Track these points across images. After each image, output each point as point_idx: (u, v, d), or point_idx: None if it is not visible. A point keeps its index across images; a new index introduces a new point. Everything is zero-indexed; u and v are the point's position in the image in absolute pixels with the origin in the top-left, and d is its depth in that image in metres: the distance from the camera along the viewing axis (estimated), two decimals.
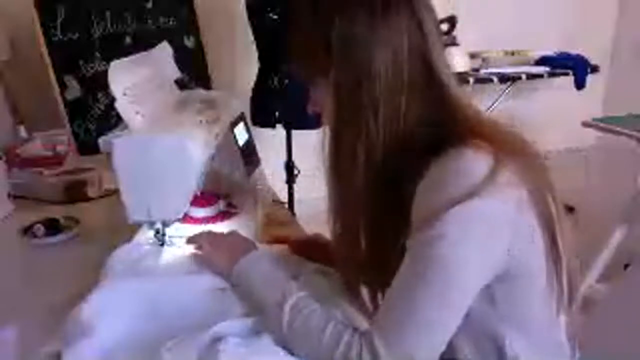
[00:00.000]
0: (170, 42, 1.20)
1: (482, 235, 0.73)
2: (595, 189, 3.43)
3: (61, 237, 1.25)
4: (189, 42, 2.15)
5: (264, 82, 2.37)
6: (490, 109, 3.18)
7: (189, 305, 0.89)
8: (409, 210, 0.77)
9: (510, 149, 0.77)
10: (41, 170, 1.57)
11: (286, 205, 2.08)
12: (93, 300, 0.87)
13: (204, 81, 2.11)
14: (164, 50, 1.19)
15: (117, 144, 0.96)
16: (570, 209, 2.81)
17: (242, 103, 1.84)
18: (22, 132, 1.87)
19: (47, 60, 1.84)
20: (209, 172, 1.12)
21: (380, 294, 0.89)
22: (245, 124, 1.27)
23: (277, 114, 2.35)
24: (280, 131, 2.40)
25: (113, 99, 0.94)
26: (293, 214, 2.15)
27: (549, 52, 3.33)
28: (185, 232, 1.09)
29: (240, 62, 2.63)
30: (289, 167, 2.45)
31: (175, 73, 1.20)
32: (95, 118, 1.93)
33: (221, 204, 1.26)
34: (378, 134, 0.79)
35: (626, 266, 2.44)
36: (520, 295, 0.80)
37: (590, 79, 3.24)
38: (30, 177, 1.55)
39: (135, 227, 1.11)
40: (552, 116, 3.70)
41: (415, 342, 0.72)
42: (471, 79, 3.03)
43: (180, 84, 1.22)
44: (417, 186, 0.76)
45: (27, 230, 1.26)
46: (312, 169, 0.93)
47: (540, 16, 3.59)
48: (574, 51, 3.32)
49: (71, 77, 1.90)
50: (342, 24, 0.77)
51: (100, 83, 1.87)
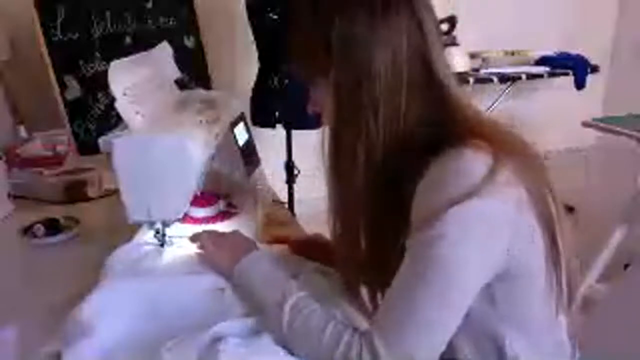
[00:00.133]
0: (170, 42, 1.20)
1: (482, 235, 0.73)
2: (595, 189, 3.43)
3: (61, 237, 1.25)
4: (189, 42, 2.15)
5: (264, 82, 2.37)
6: (490, 109, 3.18)
7: (189, 305, 0.89)
8: (409, 210, 0.77)
9: (509, 149, 0.77)
10: (41, 170, 1.57)
11: (286, 205, 2.08)
12: (93, 300, 0.87)
13: (204, 81, 2.11)
14: (164, 50, 1.19)
15: (117, 144, 0.96)
16: (570, 209, 2.81)
17: (242, 103, 1.84)
18: (22, 132, 1.86)
19: (47, 60, 1.84)
20: (209, 172, 1.13)
21: (380, 294, 0.89)
22: (245, 124, 1.27)
23: (277, 114, 2.35)
24: (280, 131, 2.40)
25: (113, 99, 0.94)
26: (293, 214, 2.15)
27: (549, 52, 3.33)
28: (185, 232, 1.09)
29: (240, 62, 2.63)
30: (289, 167, 2.45)
31: (175, 73, 1.20)
32: (95, 118, 1.93)
33: (221, 204, 1.26)
34: (378, 134, 0.79)
35: (626, 266, 2.44)
36: (520, 295, 0.80)
37: (590, 79, 3.24)
38: (30, 177, 1.55)
39: (135, 227, 1.11)
40: (552, 116, 3.70)
41: (415, 342, 0.72)
42: (471, 79, 3.03)
43: (180, 84, 1.22)
44: (416, 186, 0.76)
45: (27, 230, 1.26)
46: (312, 169, 0.93)
47: (540, 16, 3.59)
48: (574, 51, 3.32)
49: (71, 77, 1.90)
50: (342, 24, 0.77)
51: (100, 83, 1.87)
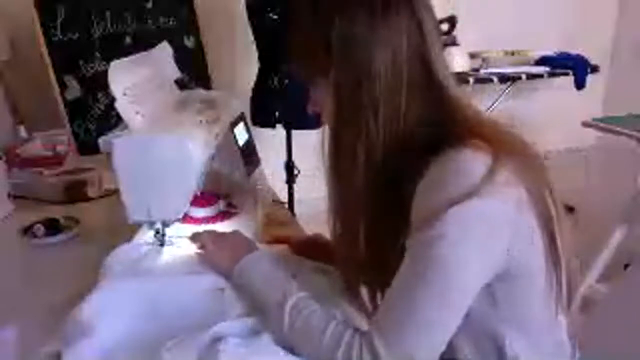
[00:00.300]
0: (170, 42, 1.20)
1: (481, 235, 0.73)
2: (595, 189, 3.43)
3: (61, 237, 1.25)
4: (189, 42, 2.15)
5: (264, 82, 2.37)
6: (490, 109, 3.18)
7: (189, 305, 0.89)
8: (409, 210, 0.77)
9: (509, 149, 0.77)
10: (41, 170, 1.57)
11: (286, 205, 2.08)
12: (93, 300, 0.87)
13: (204, 81, 2.11)
14: (164, 50, 1.19)
15: (117, 144, 0.96)
16: (570, 209, 2.81)
17: (242, 103, 1.84)
18: (22, 132, 1.86)
19: (47, 60, 1.84)
20: (209, 172, 1.13)
21: (380, 294, 0.89)
22: (245, 124, 1.27)
23: (277, 114, 2.35)
24: (280, 131, 2.40)
25: (113, 99, 0.94)
26: (293, 214, 2.15)
27: (549, 52, 3.33)
28: (185, 232, 1.09)
29: (240, 62, 2.63)
30: (289, 167, 2.45)
31: (175, 73, 1.20)
32: (95, 118, 1.93)
33: (221, 204, 1.26)
34: (378, 134, 0.79)
35: (626, 266, 2.44)
36: (520, 295, 0.80)
37: (590, 79, 3.24)
38: (30, 177, 1.55)
39: (135, 227, 1.11)
40: (552, 116, 3.70)
41: (415, 342, 0.72)
42: (471, 79, 3.03)
43: (180, 84, 1.22)
44: (416, 186, 0.76)
45: (27, 230, 1.26)
46: (312, 169, 0.93)
47: (540, 16, 3.59)
48: (574, 51, 3.32)
49: (71, 77, 1.90)
50: (342, 24, 0.77)
51: (100, 83, 1.87)
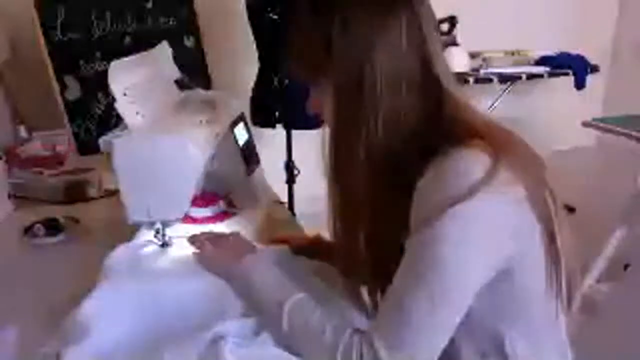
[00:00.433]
0: (170, 42, 1.20)
1: (481, 235, 0.73)
2: (595, 189, 3.43)
3: (61, 237, 1.25)
4: (189, 42, 2.15)
5: (264, 82, 2.37)
6: (490, 109, 3.18)
7: (189, 305, 0.89)
8: (409, 209, 0.77)
9: (509, 148, 0.77)
10: (41, 170, 1.56)
11: (286, 205, 2.08)
12: (93, 301, 0.87)
13: (204, 81, 2.11)
14: (164, 50, 1.19)
15: (117, 144, 0.96)
16: (571, 209, 2.81)
17: (242, 103, 1.84)
18: (22, 132, 1.86)
19: (47, 60, 1.84)
20: (209, 172, 1.13)
21: (380, 294, 0.89)
22: (245, 124, 1.27)
23: (277, 114, 2.35)
24: (280, 131, 2.40)
25: (113, 99, 0.94)
26: (293, 214, 2.15)
27: (549, 52, 3.33)
28: (185, 232, 1.09)
29: (240, 62, 2.62)
30: (289, 167, 2.45)
31: (175, 73, 1.20)
32: (95, 118, 1.94)
33: (221, 204, 1.26)
34: (378, 133, 0.79)
35: (626, 266, 2.44)
36: (520, 295, 0.80)
37: (590, 79, 3.24)
38: (30, 177, 1.55)
39: (135, 227, 1.10)
40: (552, 116, 3.70)
41: (416, 343, 0.72)
42: (471, 79, 3.03)
43: (180, 84, 1.22)
44: (416, 186, 0.76)
45: (27, 230, 1.26)
46: (312, 169, 0.93)
47: (540, 16, 3.59)
48: (574, 51, 3.32)
49: (71, 77, 1.90)
50: (342, 24, 0.77)
51: (100, 83, 1.87)
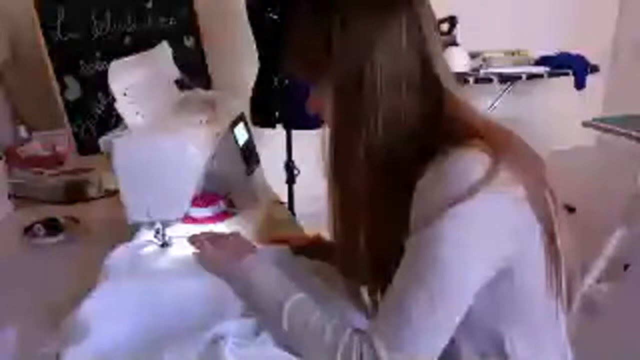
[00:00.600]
0: (170, 42, 1.20)
1: (481, 234, 0.73)
2: (595, 189, 3.43)
3: (61, 237, 1.25)
4: (189, 42, 2.15)
5: (264, 82, 2.37)
6: (490, 109, 3.18)
7: (189, 306, 0.89)
8: (409, 209, 0.77)
9: (508, 148, 0.77)
10: (41, 170, 1.57)
11: (286, 205, 2.08)
12: (93, 301, 0.87)
13: (204, 81, 2.11)
14: (164, 50, 1.19)
15: (117, 144, 0.96)
16: (571, 209, 2.81)
17: (242, 103, 1.84)
18: (22, 132, 1.86)
19: (47, 60, 1.84)
20: (209, 172, 1.13)
21: (380, 294, 0.89)
22: (245, 124, 1.27)
23: (277, 114, 2.35)
24: (280, 131, 2.40)
25: (113, 99, 0.94)
26: (293, 214, 2.15)
27: (549, 52, 3.33)
28: (185, 232, 1.08)
29: (240, 62, 2.62)
30: (289, 167, 2.45)
31: (175, 73, 1.20)
32: (95, 118, 1.94)
33: (221, 204, 1.26)
34: (378, 133, 0.79)
35: (626, 266, 2.45)
36: (519, 295, 0.80)
37: (590, 79, 3.24)
38: (30, 177, 1.55)
39: (135, 227, 1.10)
40: (552, 116, 3.70)
41: (416, 343, 0.72)
42: (471, 79, 3.03)
43: (180, 84, 1.22)
44: (416, 186, 0.76)
45: (27, 230, 1.26)
46: (312, 169, 0.93)
47: (540, 16, 3.59)
48: (574, 51, 3.32)
49: (71, 77, 1.90)
50: (342, 24, 0.77)
51: (100, 83, 1.88)
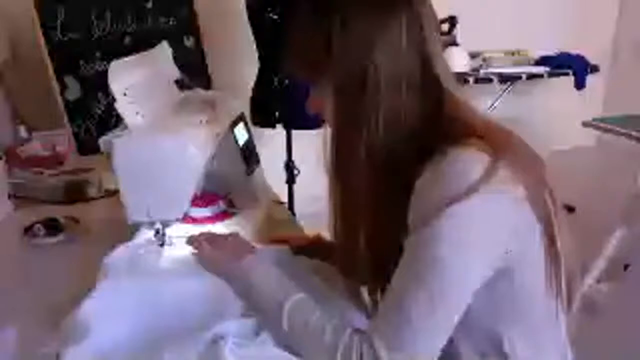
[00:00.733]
0: (170, 42, 1.20)
1: (479, 234, 0.73)
2: (595, 189, 3.43)
3: (61, 237, 1.25)
4: (189, 42, 2.15)
5: (264, 82, 2.37)
6: (490, 109, 3.18)
7: (188, 306, 0.89)
8: (408, 210, 0.77)
9: (507, 148, 0.77)
10: (41, 170, 1.57)
11: (286, 205, 2.08)
12: (93, 301, 0.88)
13: (204, 81, 2.11)
14: (164, 50, 1.19)
15: (117, 144, 0.96)
16: (570, 209, 2.82)
17: (242, 103, 1.84)
18: (22, 132, 1.86)
19: (47, 60, 1.84)
20: (209, 172, 1.12)
21: (380, 294, 0.89)
22: (245, 124, 1.27)
23: (277, 114, 2.35)
24: (280, 131, 2.40)
25: (113, 99, 0.94)
26: (293, 214, 2.15)
27: (549, 52, 3.33)
28: (185, 232, 1.08)
29: (240, 62, 2.62)
30: (289, 167, 2.45)
31: (175, 73, 1.20)
32: (95, 118, 1.94)
33: (221, 204, 1.26)
34: (378, 133, 0.78)
35: (626, 266, 2.45)
36: (518, 295, 0.80)
37: (590, 79, 3.24)
38: (30, 177, 1.55)
39: (135, 227, 1.10)
40: (552, 116, 3.70)
41: (416, 343, 0.72)
42: (471, 79, 3.03)
43: (180, 84, 1.22)
44: (415, 186, 0.76)
45: (27, 230, 1.26)
46: (312, 169, 0.93)
47: (540, 16, 3.59)
48: (574, 51, 3.32)
49: (71, 77, 1.90)
50: (342, 24, 0.77)
51: (100, 83, 1.87)
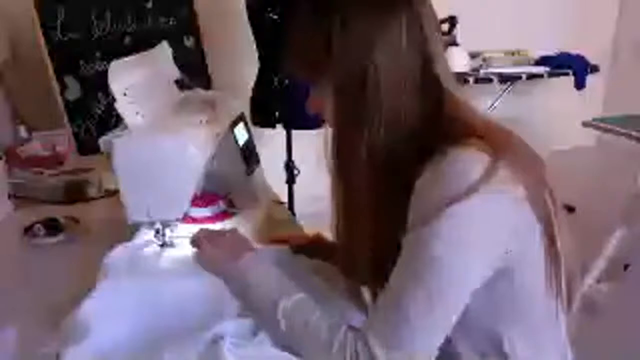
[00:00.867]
0: (170, 42, 1.20)
1: (480, 234, 0.73)
2: (595, 189, 3.43)
3: (61, 237, 1.25)
4: (189, 42, 2.15)
5: (264, 82, 2.37)
6: (490, 109, 3.18)
7: (188, 305, 0.89)
8: (408, 210, 0.77)
9: (507, 148, 0.76)
10: (41, 170, 1.57)
11: (286, 205, 2.08)
12: (93, 301, 0.88)
13: (204, 81, 2.11)
14: (164, 50, 1.19)
15: (117, 144, 0.96)
16: (570, 209, 2.82)
17: (242, 103, 1.84)
18: (22, 132, 1.86)
19: (47, 60, 1.84)
20: (209, 172, 1.13)
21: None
22: (245, 124, 1.27)
23: (277, 114, 2.35)
24: (280, 131, 2.40)
25: (113, 99, 0.94)
26: (293, 214, 2.15)
27: (549, 52, 3.33)
28: (185, 232, 1.08)
29: (240, 62, 2.63)
30: (289, 167, 2.45)
31: (175, 73, 1.21)
32: (95, 118, 1.94)
33: (221, 204, 1.26)
34: (379, 133, 0.78)
35: (626, 266, 2.45)
36: (518, 295, 0.80)
37: (590, 79, 3.24)
38: (30, 177, 1.55)
39: (135, 227, 1.10)
40: (552, 116, 3.70)
41: (413, 342, 0.72)
42: (471, 79, 3.03)
43: (180, 84, 1.22)
44: (414, 186, 0.76)
45: (27, 230, 1.26)
46: (312, 169, 0.93)
47: (540, 16, 3.59)
48: (574, 51, 3.32)
49: (71, 77, 1.90)
50: (342, 24, 0.77)
51: (100, 83, 1.88)
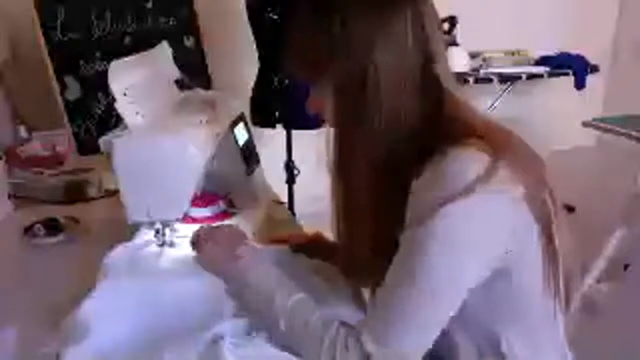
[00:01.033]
0: (170, 42, 1.20)
1: (475, 234, 0.73)
2: (595, 189, 3.43)
3: (61, 237, 1.25)
4: (189, 42, 2.15)
5: (264, 82, 2.37)
6: (490, 109, 3.18)
7: (188, 305, 0.89)
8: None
9: (507, 148, 0.76)
10: (41, 170, 1.57)
11: (286, 205, 2.08)
12: (93, 301, 0.88)
13: (204, 81, 2.11)
14: (164, 50, 1.19)
15: (117, 144, 0.96)
16: (570, 209, 2.82)
17: (242, 103, 1.84)
18: (22, 132, 1.86)
19: (47, 60, 1.84)
20: (209, 172, 1.13)
21: None
22: (245, 124, 1.27)
23: (277, 114, 2.35)
24: (280, 131, 2.40)
25: (113, 99, 0.94)
26: (293, 214, 2.15)
27: (549, 52, 3.33)
28: (185, 232, 1.08)
29: (240, 62, 2.63)
30: (289, 167, 2.45)
31: (175, 73, 1.21)
32: (95, 118, 1.94)
33: (221, 204, 1.26)
34: (379, 133, 0.78)
35: (626, 266, 2.45)
36: (516, 294, 0.80)
37: (590, 79, 3.24)
38: (30, 177, 1.55)
39: (135, 227, 1.10)
40: (552, 116, 3.70)
41: (405, 339, 0.72)
42: (471, 79, 3.03)
43: (180, 84, 1.22)
44: (413, 185, 0.76)
45: (27, 230, 1.26)
46: (312, 169, 0.93)
47: (540, 16, 3.59)
48: (574, 51, 3.32)
49: (71, 77, 1.90)
50: (343, 24, 0.77)
51: (100, 83, 1.87)
